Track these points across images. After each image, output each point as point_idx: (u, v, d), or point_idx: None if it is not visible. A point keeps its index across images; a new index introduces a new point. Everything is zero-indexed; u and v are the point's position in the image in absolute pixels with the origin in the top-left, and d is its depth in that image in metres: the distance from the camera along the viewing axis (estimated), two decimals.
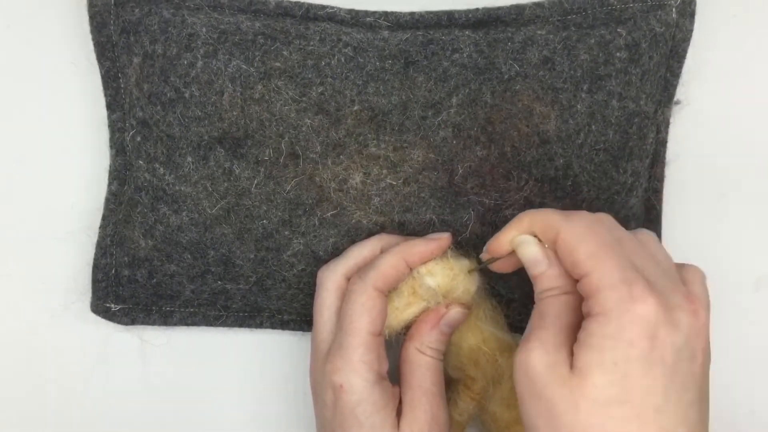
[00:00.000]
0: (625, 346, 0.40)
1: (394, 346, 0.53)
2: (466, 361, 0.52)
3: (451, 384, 0.54)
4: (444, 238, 0.52)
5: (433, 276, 0.51)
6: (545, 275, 0.46)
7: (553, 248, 0.45)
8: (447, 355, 0.53)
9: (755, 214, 0.59)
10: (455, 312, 0.52)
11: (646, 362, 0.41)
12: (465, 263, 0.51)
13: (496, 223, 0.53)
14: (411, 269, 0.51)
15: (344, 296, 0.51)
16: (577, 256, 0.43)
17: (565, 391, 0.41)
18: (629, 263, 0.43)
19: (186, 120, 0.52)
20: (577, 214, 0.46)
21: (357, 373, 0.48)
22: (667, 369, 0.41)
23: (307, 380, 0.56)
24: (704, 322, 0.44)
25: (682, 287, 0.44)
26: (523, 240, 0.47)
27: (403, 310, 0.51)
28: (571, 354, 0.42)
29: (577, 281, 0.44)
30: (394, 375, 0.52)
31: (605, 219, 0.46)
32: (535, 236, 0.46)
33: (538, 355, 0.42)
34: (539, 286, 0.46)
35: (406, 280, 0.51)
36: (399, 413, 0.50)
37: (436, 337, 0.52)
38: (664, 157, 0.57)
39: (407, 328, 0.52)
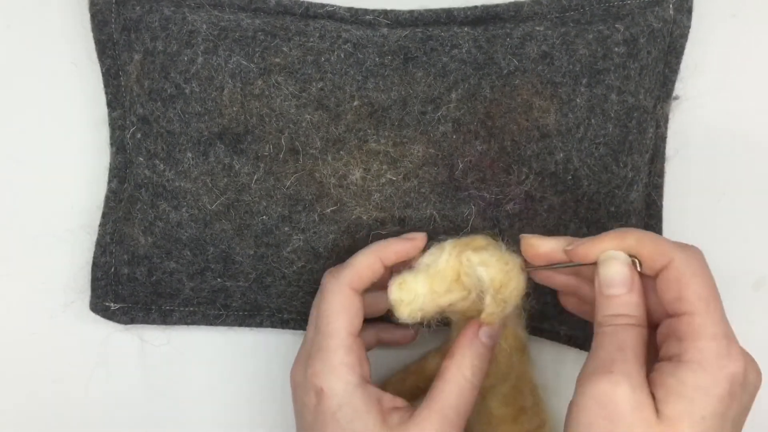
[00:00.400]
0: (715, 402, 0.40)
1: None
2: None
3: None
4: (419, 238, 0.51)
5: (487, 267, 0.47)
6: (621, 300, 0.44)
7: (654, 275, 0.44)
8: None
9: (755, 213, 0.59)
10: (491, 326, 0.49)
11: (722, 419, 0.41)
12: (519, 260, 0.49)
13: (497, 217, 0.53)
14: (389, 268, 0.50)
15: (318, 295, 0.50)
16: (687, 292, 0.42)
17: None
18: (725, 316, 0.43)
19: (186, 116, 0.52)
20: (692, 248, 0.44)
21: (337, 377, 0.47)
22: (734, 427, 0.42)
23: None
24: (761, 380, 0.44)
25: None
26: (614, 255, 0.45)
27: (441, 295, 0.48)
28: (651, 395, 0.41)
29: (665, 315, 0.43)
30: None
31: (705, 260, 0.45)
32: (631, 256, 0.45)
33: (625, 392, 0.41)
34: (610, 310, 0.44)
35: (450, 263, 0.48)
36: (401, 421, 0.47)
37: (478, 351, 0.49)
38: (663, 153, 0.57)
39: (440, 315, 0.50)
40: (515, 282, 0.48)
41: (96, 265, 0.56)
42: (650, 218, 0.57)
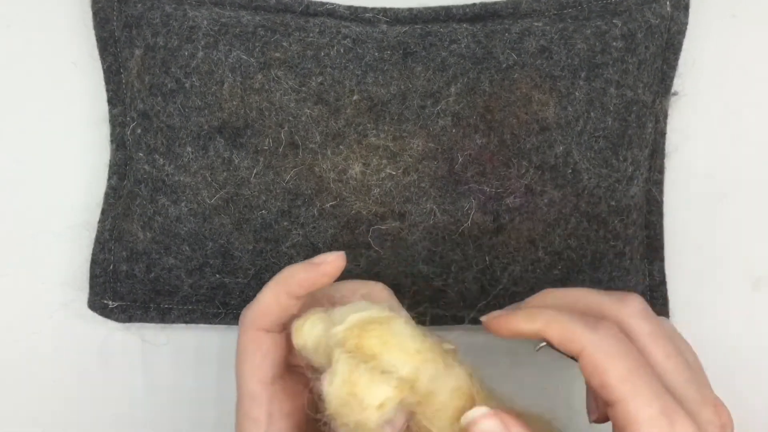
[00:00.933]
0: None
1: None
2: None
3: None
4: (328, 262, 0.44)
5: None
6: None
7: (576, 358, 0.41)
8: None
9: (755, 212, 0.59)
10: (489, 420, 0.40)
11: None
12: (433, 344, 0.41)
13: (497, 211, 0.53)
14: (298, 299, 0.44)
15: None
16: (607, 379, 0.39)
17: None
18: (660, 384, 0.39)
19: (186, 110, 0.52)
20: (603, 326, 0.40)
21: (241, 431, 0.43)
22: None
23: None
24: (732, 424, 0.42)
25: (710, 393, 0.42)
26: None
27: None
28: None
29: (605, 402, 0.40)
30: None
31: (625, 328, 0.42)
32: (547, 342, 0.42)
33: None
34: None
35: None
36: None
37: None
38: (663, 148, 0.57)
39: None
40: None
41: (95, 263, 0.56)
42: (651, 215, 0.57)
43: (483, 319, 0.43)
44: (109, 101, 0.56)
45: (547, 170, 0.52)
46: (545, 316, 0.41)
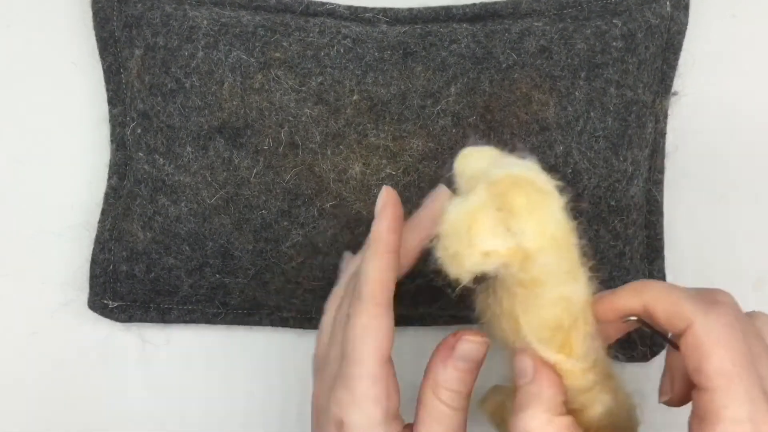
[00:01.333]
0: None
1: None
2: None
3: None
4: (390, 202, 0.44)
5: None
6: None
7: (678, 335, 0.38)
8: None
9: (755, 212, 0.59)
10: (469, 343, 0.43)
11: None
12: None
13: None
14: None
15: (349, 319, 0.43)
16: (706, 365, 0.37)
17: None
18: (760, 387, 0.36)
19: (186, 110, 0.52)
20: (719, 306, 0.38)
21: (361, 410, 0.42)
22: None
23: (306, 378, 0.55)
24: None
25: None
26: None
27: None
28: None
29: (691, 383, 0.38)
30: None
31: (741, 316, 0.39)
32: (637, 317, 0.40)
33: None
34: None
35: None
36: None
37: (452, 376, 0.42)
38: (663, 148, 0.57)
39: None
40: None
41: (95, 263, 0.56)
42: (651, 214, 0.57)
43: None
44: (109, 101, 0.56)
45: (547, 170, 0.52)
46: (653, 289, 0.40)
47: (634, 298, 0.40)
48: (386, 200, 0.44)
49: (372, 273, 0.42)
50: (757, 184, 0.59)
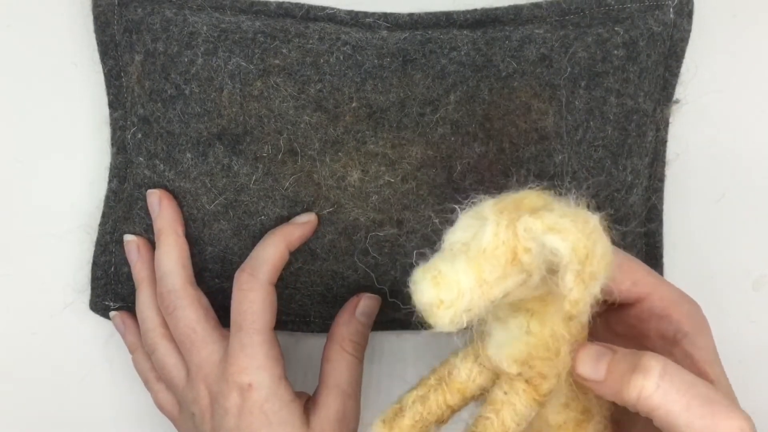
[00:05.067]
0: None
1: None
2: (543, 353, 0.38)
3: (502, 383, 0.39)
4: (312, 220, 0.53)
5: (562, 234, 0.34)
6: None
7: (635, 299, 0.44)
8: (503, 344, 0.39)
9: (755, 213, 0.59)
10: (368, 300, 0.54)
11: None
12: (600, 222, 0.36)
13: None
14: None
15: (235, 293, 0.50)
16: (677, 312, 0.44)
17: None
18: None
19: (186, 116, 0.52)
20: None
21: (265, 370, 0.48)
22: None
23: (304, 379, 0.56)
24: None
25: None
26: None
27: (494, 285, 0.35)
28: None
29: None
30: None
31: None
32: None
33: None
34: None
35: (500, 237, 0.35)
36: (308, 410, 0.51)
37: (356, 329, 0.52)
38: (664, 157, 0.57)
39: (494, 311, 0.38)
40: (601, 248, 0.35)
41: (96, 265, 0.57)
42: (650, 222, 0.57)
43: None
44: (110, 105, 0.57)
45: (546, 179, 0.52)
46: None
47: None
48: (315, 219, 0.53)
49: (272, 257, 0.50)
50: (756, 190, 0.58)
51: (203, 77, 0.52)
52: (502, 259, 0.35)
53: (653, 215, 0.57)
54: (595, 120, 0.52)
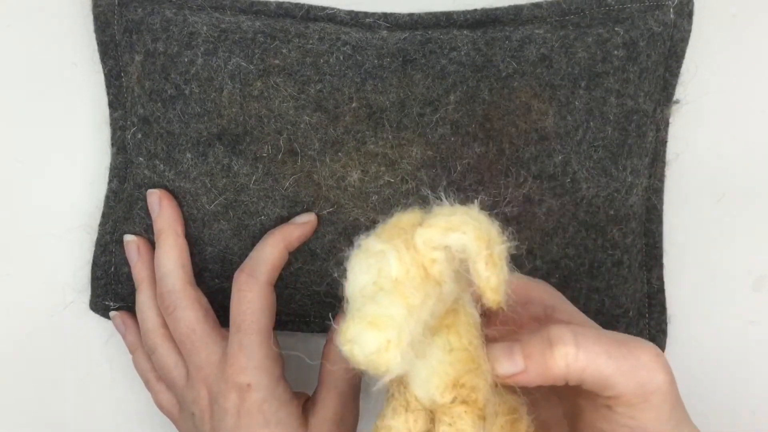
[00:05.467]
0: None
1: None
2: (467, 364, 0.38)
3: (442, 415, 0.38)
4: (312, 221, 0.53)
5: (460, 229, 0.35)
6: None
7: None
8: (428, 378, 0.38)
9: (755, 214, 0.58)
10: None
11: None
12: (474, 207, 0.37)
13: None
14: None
15: (234, 294, 0.50)
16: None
17: None
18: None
19: (186, 117, 0.52)
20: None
21: (263, 370, 0.49)
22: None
23: (303, 379, 0.56)
24: None
25: None
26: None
27: (421, 308, 0.35)
28: None
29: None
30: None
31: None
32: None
33: None
34: None
35: (407, 260, 0.35)
36: (307, 411, 0.51)
37: None
38: (664, 157, 0.57)
39: None
40: (494, 230, 0.36)
41: (96, 265, 0.57)
42: (650, 222, 0.57)
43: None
44: (110, 105, 0.57)
45: (546, 179, 0.52)
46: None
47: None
48: (314, 219, 0.53)
49: (270, 258, 0.51)
50: (757, 188, 0.58)
51: (203, 77, 0.52)
52: (417, 280, 0.35)
53: (653, 215, 0.57)
54: (595, 120, 0.52)
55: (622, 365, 0.37)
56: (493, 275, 0.35)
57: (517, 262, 0.52)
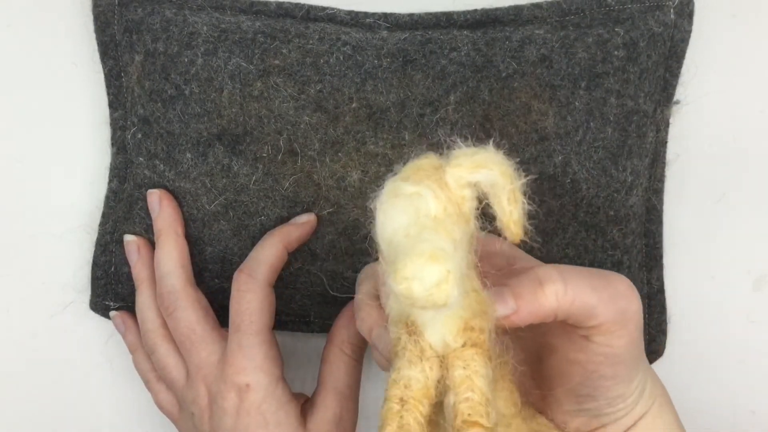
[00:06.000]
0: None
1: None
2: (473, 305, 0.38)
3: (456, 360, 0.38)
4: (312, 219, 0.53)
5: (486, 166, 0.36)
6: None
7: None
8: (441, 325, 0.38)
9: (755, 214, 0.58)
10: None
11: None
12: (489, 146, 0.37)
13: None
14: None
15: (234, 294, 0.50)
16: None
17: None
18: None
19: (186, 117, 0.52)
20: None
21: (262, 371, 0.49)
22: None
23: (304, 379, 0.56)
24: None
25: None
26: None
27: (461, 243, 0.35)
28: None
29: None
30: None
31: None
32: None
33: None
34: None
35: (443, 200, 0.36)
36: (306, 411, 0.51)
37: (355, 331, 0.52)
38: (664, 157, 0.57)
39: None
40: (513, 170, 0.37)
41: (96, 264, 0.57)
42: (650, 223, 0.57)
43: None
44: (110, 105, 0.57)
45: (546, 180, 0.52)
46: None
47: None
48: (313, 219, 0.53)
49: (270, 258, 0.51)
50: (757, 188, 0.58)
51: (203, 77, 0.52)
52: (454, 216, 0.36)
53: (653, 216, 0.57)
54: (595, 121, 0.52)
55: (603, 295, 0.39)
56: (515, 209, 0.36)
57: None
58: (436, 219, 0.35)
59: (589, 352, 0.41)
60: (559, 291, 0.39)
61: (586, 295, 0.39)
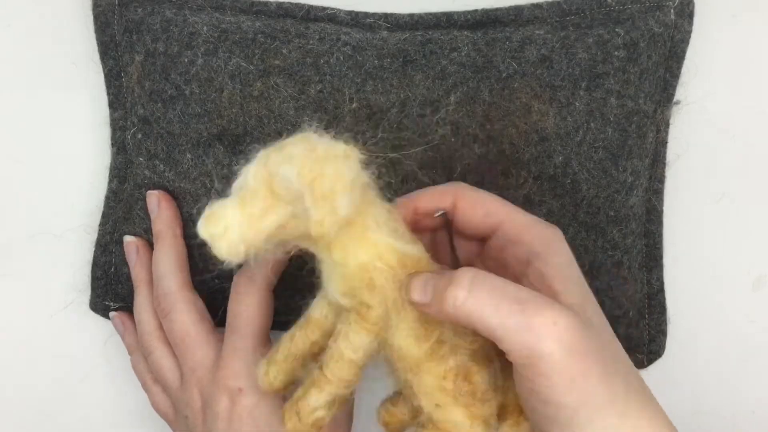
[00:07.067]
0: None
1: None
2: (358, 283, 0.41)
3: (342, 314, 0.43)
4: None
5: (291, 162, 0.37)
6: None
7: (489, 230, 0.45)
8: (333, 278, 0.42)
9: (755, 214, 0.59)
10: None
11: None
12: (339, 148, 0.38)
13: None
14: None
15: (232, 296, 0.50)
16: (528, 237, 0.44)
17: None
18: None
19: (186, 117, 0.52)
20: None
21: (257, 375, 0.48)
22: None
23: None
24: None
25: None
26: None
27: (260, 218, 0.38)
28: None
29: None
30: None
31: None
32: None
33: None
34: None
35: (258, 176, 0.38)
36: None
37: None
38: (664, 158, 0.57)
39: (272, 245, 0.40)
40: (332, 169, 0.37)
41: (96, 265, 0.57)
42: (650, 223, 0.57)
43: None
44: (110, 105, 0.57)
45: (546, 180, 0.52)
46: (466, 191, 0.45)
47: (447, 197, 0.45)
48: None
49: (266, 261, 0.49)
50: (757, 188, 0.58)
51: (203, 78, 0.52)
52: (261, 193, 0.38)
53: (653, 216, 0.57)
54: (595, 121, 0.52)
55: (507, 322, 0.37)
56: (314, 210, 0.37)
57: None
58: (246, 189, 0.38)
59: (518, 382, 0.39)
60: (458, 298, 0.38)
61: (485, 314, 0.38)
